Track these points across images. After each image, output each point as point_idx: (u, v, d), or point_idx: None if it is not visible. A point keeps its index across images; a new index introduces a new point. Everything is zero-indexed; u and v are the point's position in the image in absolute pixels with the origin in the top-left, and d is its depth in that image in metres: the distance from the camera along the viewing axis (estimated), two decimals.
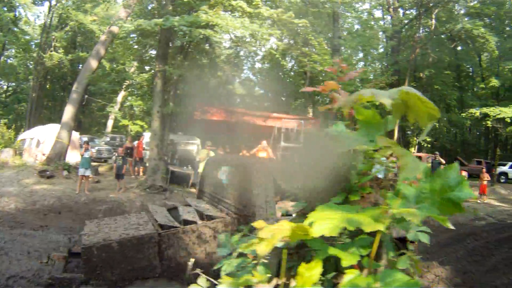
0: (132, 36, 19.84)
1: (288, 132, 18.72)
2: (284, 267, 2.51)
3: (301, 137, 17.33)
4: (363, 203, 2.58)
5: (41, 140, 22.29)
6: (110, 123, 38.16)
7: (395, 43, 32.26)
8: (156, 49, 19.30)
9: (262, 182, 5.73)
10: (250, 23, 15.79)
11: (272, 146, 18.03)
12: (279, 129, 19.01)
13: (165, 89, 17.90)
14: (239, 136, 20.72)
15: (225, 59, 21.02)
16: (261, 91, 33.08)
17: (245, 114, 18.71)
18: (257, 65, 34.21)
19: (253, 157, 18.30)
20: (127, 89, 23.75)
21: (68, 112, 20.24)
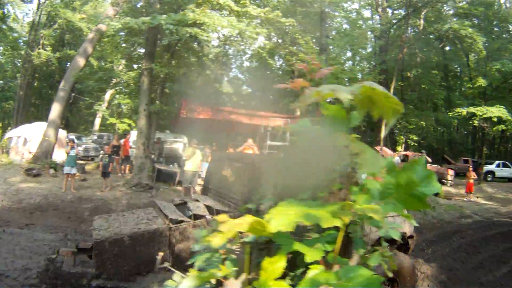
0: (120, 34, 19.73)
1: (275, 130, 18.77)
2: (248, 262, 2.53)
3: (288, 135, 17.39)
4: (332, 198, 2.59)
5: (28, 138, 22.08)
6: (97, 122, 37.87)
7: (383, 43, 32.40)
8: (144, 47, 19.25)
9: (270, 178, 5.79)
10: (237, 22, 15.80)
11: (259, 145, 18.07)
12: (266, 127, 19.05)
13: (152, 87, 17.87)
14: (226, 134, 20.74)
15: (213, 58, 21.00)
16: (249, 90, 33.06)
17: (231, 112, 18.71)
18: (246, 63, 34.21)
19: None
20: (115, 87, 23.66)
21: (55, 110, 20.10)
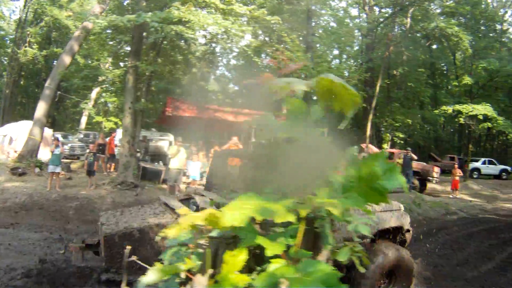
0: (107, 32, 19.63)
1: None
2: (213, 256, 2.53)
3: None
4: (299, 193, 2.59)
5: (13, 137, 21.92)
6: (83, 120, 37.56)
7: (369, 41, 32.55)
8: (130, 45, 19.17)
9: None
10: (223, 20, 15.77)
11: (244, 142, 18.04)
12: (251, 125, 19.00)
13: (137, 85, 17.80)
14: (212, 132, 20.71)
15: (200, 56, 20.95)
16: (235, 88, 33.03)
17: (217, 110, 18.69)
18: (233, 61, 34.17)
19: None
20: (101, 85, 23.56)
21: (41, 109, 19.95)
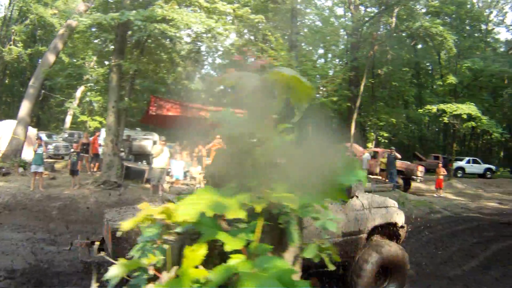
0: (92, 30, 19.52)
1: None
2: (170, 252, 2.53)
3: None
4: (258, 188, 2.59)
5: None
6: (68, 119, 37.29)
7: (354, 40, 32.67)
8: (114, 43, 19.08)
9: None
10: (206, 18, 15.76)
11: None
12: None
13: (120, 84, 17.73)
14: (196, 131, 20.63)
15: (185, 55, 20.88)
16: (221, 87, 33.00)
17: (201, 109, 18.64)
18: (218, 60, 34.13)
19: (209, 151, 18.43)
20: (85, 84, 23.44)
21: (25, 108, 19.82)
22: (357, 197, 6.39)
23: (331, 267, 2.94)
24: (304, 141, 2.56)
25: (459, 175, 32.91)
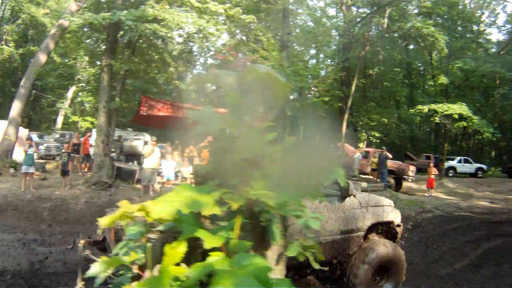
0: (84, 30, 19.46)
1: None
2: (151, 250, 2.55)
3: None
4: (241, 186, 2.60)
5: None
6: (60, 120, 37.04)
7: (346, 41, 32.70)
8: (105, 43, 19.04)
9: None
10: (197, 18, 15.76)
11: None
12: None
13: (112, 84, 17.69)
14: (187, 131, 20.62)
15: (177, 55, 20.86)
16: (213, 87, 32.95)
17: (192, 109, 18.59)
18: (210, 61, 34.09)
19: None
20: (77, 84, 23.34)
21: (16, 108, 19.66)
22: (354, 196, 6.49)
23: (316, 266, 2.94)
24: (284, 140, 2.58)
25: (450, 174, 33.05)
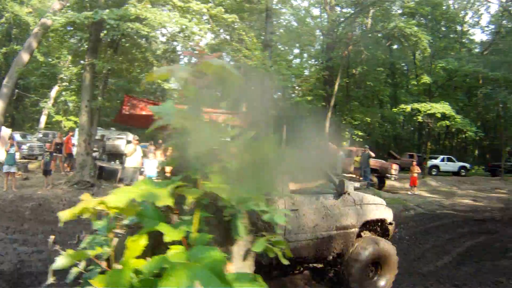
0: (68, 29, 19.32)
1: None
2: (116, 244, 2.59)
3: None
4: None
5: None
6: (43, 119, 36.71)
7: (330, 40, 32.81)
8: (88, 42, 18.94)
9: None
10: (180, 18, 15.75)
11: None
12: None
13: (94, 83, 17.62)
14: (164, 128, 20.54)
15: (161, 54, 20.81)
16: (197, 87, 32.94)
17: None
18: (194, 60, 34.02)
19: None
20: (60, 84, 23.19)
21: None
22: (348, 193, 6.67)
23: (285, 262, 2.96)
24: (243, 135, 2.62)
25: (433, 173, 33.23)
